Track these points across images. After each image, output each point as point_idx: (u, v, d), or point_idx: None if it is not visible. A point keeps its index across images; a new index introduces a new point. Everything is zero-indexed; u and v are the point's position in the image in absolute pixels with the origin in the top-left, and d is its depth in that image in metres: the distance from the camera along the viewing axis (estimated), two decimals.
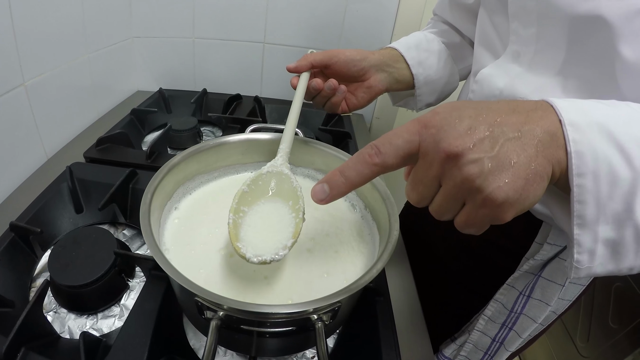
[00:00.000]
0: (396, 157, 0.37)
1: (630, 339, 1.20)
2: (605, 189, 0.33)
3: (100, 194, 0.75)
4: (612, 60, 0.45)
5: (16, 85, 0.77)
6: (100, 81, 1.08)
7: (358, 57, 0.69)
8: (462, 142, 0.33)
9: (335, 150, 0.64)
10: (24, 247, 0.65)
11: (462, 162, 0.33)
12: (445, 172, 0.35)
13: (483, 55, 0.65)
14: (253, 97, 1.22)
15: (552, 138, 0.33)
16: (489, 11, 0.64)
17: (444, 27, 0.83)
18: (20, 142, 0.82)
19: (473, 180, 0.33)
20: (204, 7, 1.18)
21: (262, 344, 0.47)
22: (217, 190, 0.64)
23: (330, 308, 0.40)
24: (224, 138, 0.64)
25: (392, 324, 0.60)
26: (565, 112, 0.34)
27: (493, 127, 0.34)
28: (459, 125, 0.34)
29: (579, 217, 0.34)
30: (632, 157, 0.33)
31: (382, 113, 1.37)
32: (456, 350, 0.79)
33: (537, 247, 0.62)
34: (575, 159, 0.33)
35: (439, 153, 0.34)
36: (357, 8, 1.18)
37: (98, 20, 1.01)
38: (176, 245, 0.53)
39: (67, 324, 0.59)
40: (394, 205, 0.53)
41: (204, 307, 0.39)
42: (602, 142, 0.33)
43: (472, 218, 0.35)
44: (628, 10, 0.43)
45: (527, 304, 0.66)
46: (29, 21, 0.78)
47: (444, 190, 0.36)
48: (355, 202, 0.64)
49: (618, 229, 0.34)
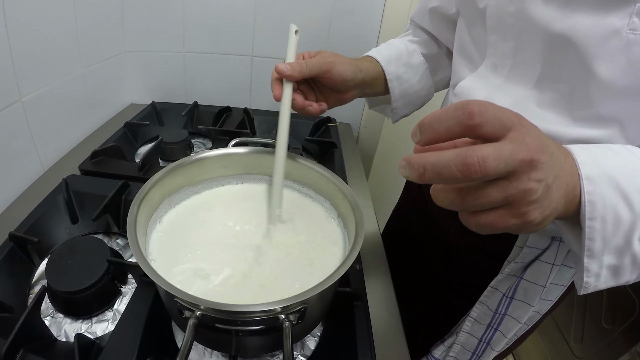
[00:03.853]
0: (492, 128, 0.33)
1: (623, 339, 1.22)
2: (610, 228, 0.39)
3: (95, 205, 0.78)
4: (587, 77, 0.47)
5: (13, 101, 0.81)
6: (94, 95, 1.12)
7: (350, 77, 0.68)
8: (543, 157, 0.34)
9: (312, 164, 0.68)
10: (22, 255, 0.69)
11: (533, 174, 0.33)
12: (518, 172, 0.33)
13: (461, 67, 0.67)
14: (242, 108, 1.25)
15: (574, 187, 0.39)
16: (467, 23, 0.65)
17: (424, 37, 0.83)
18: (17, 156, 0.85)
19: (532, 194, 0.34)
20: (194, 22, 1.21)
21: (238, 342, 0.50)
22: (201, 204, 0.68)
23: (296, 309, 0.44)
24: (206, 153, 0.67)
25: (369, 329, 0.63)
26: (583, 165, 0.39)
27: (553, 155, 0.36)
28: (539, 139, 0.35)
29: (589, 250, 0.40)
30: (633, 203, 0.39)
31: (370, 122, 1.41)
32: (445, 351, 0.81)
33: (518, 250, 0.65)
34: (588, 206, 0.39)
35: (528, 153, 0.33)
36: (341, 22, 1.21)
37: (91, 36, 1.04)
38: (161, 255, 0.58)
39: (64, 328, 0.62)
40: (362, 215, 0.56)
41: (183, 307, 0.43)
42: (610, 192, 0.39)
43: (501, 222, 0.35)
44: (604, 30, 0.45)
45: (510, 305, 0.69)
46: (24, 39, 0.81)
47: (503, 185, 0.34)
48: (330, 211, 0.68)
49: (619, 258, 0.41)
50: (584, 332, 1.40)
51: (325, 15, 1.21)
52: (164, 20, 1.21)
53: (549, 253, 0.62)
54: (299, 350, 0.62)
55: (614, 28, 0.44)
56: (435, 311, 0.86)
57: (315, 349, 0.63)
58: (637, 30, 0.43)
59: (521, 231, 0.37)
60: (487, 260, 0.71)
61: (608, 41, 0.45)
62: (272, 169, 0.63)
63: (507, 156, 0.32)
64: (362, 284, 0.71)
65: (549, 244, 0.62)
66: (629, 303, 1.20)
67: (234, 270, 0.56)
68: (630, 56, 0.44)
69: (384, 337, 0.65)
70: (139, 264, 0.45)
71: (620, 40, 0.44)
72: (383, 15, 1.20)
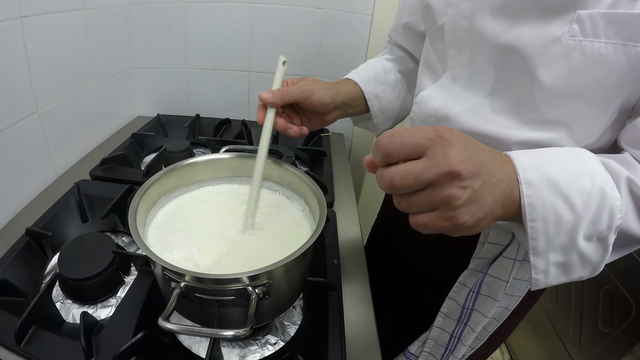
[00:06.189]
0: (402, 153, 0.40)
1: (620, 342, 1.20)
2: (552, 228, 0.43)
3: (103, 206, 0.85)
4: (532, 84, 0.51)
5: (31, 113, 0.89)
6: (104, 108, 1.19)
7: (328, 100, 0.73)
8: (464, 166, 0.39)
9: (290, 167, 0.74)
10: (37, 249, 0.77)
11: (456, 182, 0.39)
12: (439, 182, 0.39)
13: (425, 78, 0.70)
14: (241, 120, 1.32)
15: (511, 192, 0.43)
16: (431, 38, 0.69)
17: (399, 54, 0.88)
18: (34, 162, 0.93)
19: (456, 200, 0.39)
20: (195, 41, 1.29)
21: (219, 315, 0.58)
22: (193, 199, 0.76)
23: (262, 282, 0.51)
24: (197, 158, 0.75)
25: (341, 317, 0.68)
26: (522, 170, 0.43)
27: (483, 164, 0.41)
28: (465, 150, 0.40)
29: (533, 248, 0.44)
30: (575, 204, 0.42)
31: (362, 132, 1.47)
32: (420, 346, 0.83)
33: (481, 246, 0.68)
34: (528, 208, 0.42)
35: (445, 166, 0.38)
36: (331, 40, 1.29)
37: (101, 54, 1.12)
38: (157, 242, 0.65)
39: (72, 312, 0.69)
40: (326, 208, 0.62)
41: (170, 280, 0.51)
42: (549, 194, 0.42)
43: (433, 224, 0.41)
44: (544, 39, 0.48)
45: (477, 300, 0.70)
46: (40, 57, 0.88)
47: (427, 194, 0.40)
48: (302, 205, 0.74)
49: (565, 255, 0.45)
50: (582, 336, 1.38)
51: (316, 34, 1.28)
52: (167, 39, 1.28)
53: (510, 249, 0.65)
54: (280, 335, 0.68)
55: (555, 36, 0.48)
56: (411, 308, 0.89)
57: (294, 335, 0.68)
58: (576, 36, 0.47)
59: (455, 233, 0.42)
60: (456, 257, 0.73)
61: (549, 49, 0.49)
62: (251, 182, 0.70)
63: (418, 172, 0.39)
64: (339, 277, 0.76)
65: (510, 240, 0.64)
66: (626, 306, 1.18)
67: (218, 255, 0.64)
68: (569, 61, 0.48)
69: (357, 327, 0.70)
70: (136, 242, 0.52)
71: (561, 47, 0.48)
72: (370, 34, 1.27)
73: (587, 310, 1.37)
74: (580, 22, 0.46)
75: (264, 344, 0.67)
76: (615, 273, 1.22)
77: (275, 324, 0.70)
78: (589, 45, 0.47)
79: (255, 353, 0.65)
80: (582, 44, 0.47)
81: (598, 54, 0.46)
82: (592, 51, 0.47)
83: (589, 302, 1.36)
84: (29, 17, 0.83)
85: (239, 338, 0.55)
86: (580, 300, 1.39)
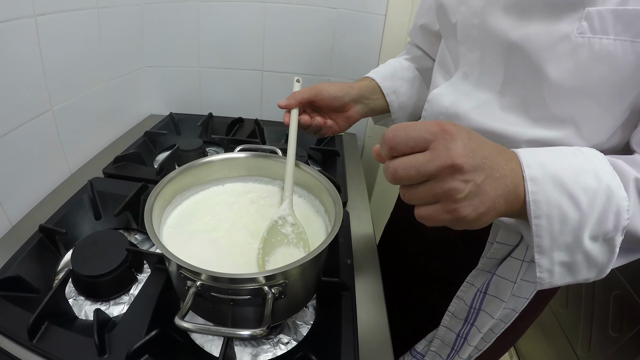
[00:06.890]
0: (405, 146, 0.41)
1: (631, 347, 1.18)
2: (557, 226, 0.43)
3: (116, 204, 0.85)
4: (540, 80, 0.52)
5: (45, 111, 0.89)
6: (117, 106, 1.20)
7: (340, 93, 0.75)
8: (466, 160, 0.39)
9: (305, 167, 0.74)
10: (50, 245, 0.77)
11: (457, 175, 0.39)
12: (441, 175, 0.39)
13: (438, 76, 0.71)
14: (253, 119, 1.32)
15: (515, 188, 0.43)
16: (445, 37, 0.70)
17: (417, 53, 0.89)
18: (48, 159, 0.93)
19: (457, 193, 0.39)
20: (208, 40, 1.29)
21: (233, 314, 0.57)
22: (207, 199, 0.75)
23: (278, 282, 0.51)
24: (212, 157, 0.75)
25: (354, 316, 0.68)
26: (527, 167, 0.43)
27: (486, 159, 0.41)
28: (468, 144, 0.40)
29: (538, 246, 0.44)
30: (580, 202, 0.42)
31: (374, 132, 1.47)
32: (427, 345, 0.84)
33: (489, 246, 0.68)
34: (532, 205, 0.42)
35: (447, 159, 0.39)
36: (345, 40, 1.28)
37: (114, 53, 1.13)
38: (171, 240, 0.65)
39: (84, 308, 0.69)
40: (342, 208, 0.62)
41: (186, 278, 0.50)
42: (554, 192, 0.42)
43: (435, 216, 0.42)
44: (553, 37, 0.49)
45: (484, 300, 0.70)
46: (55, 56, 0.89)
47: (430, 186, 0.40)
48: (318, 208, 0.74)
49: (570, 255, 0.44)
50: (592, 341, 1.35)
51: (329, 33, 1.28)
52: (180, 37, 1.29)
53: (519, 249, 0.64)
54: (292, 335, 0.68)
55: (564, 33, 0.48)
56: (419, 307, 0.89)
57: (307, 335, 0.68)
58: (585, 33, 0.47)
59: (457, 226, 0.43)
60: (465, 257, 0.73)
61: (557, 46, 0.49)
62: (284, 177, 0.71)
63: (420, 164, 0.40)
64: (352, 277, 0.76)
65: (519, 241, 0.64)
66: (636, 310, 1.16)
67: (233, 255, 0.63)
68: (577, 58, 0.48)
69: (369, 328, 0.69)
70: (153, 240, 0.52)
71: (569, 44, 0.48)
72: (383, 33, 1.27)
73: (597, 314, 1.35)
74: (590, 19, 0.47)
75: (276, 343, 0.66)
76: (627, 277, 1.20)
77: (288, 324, 0.69)
78: (597, 42, 0.47)
79: (268, 352, 0.65)
80: (591, 41, 0.47)
81: (606, 51, 0.47)
82: (601, 48, 0.47)
83: (599, 306, 1.33)
84: (43, 16, 0.83)
85: (256, 338, 0.55)
86: (591, 304, 1.37)
